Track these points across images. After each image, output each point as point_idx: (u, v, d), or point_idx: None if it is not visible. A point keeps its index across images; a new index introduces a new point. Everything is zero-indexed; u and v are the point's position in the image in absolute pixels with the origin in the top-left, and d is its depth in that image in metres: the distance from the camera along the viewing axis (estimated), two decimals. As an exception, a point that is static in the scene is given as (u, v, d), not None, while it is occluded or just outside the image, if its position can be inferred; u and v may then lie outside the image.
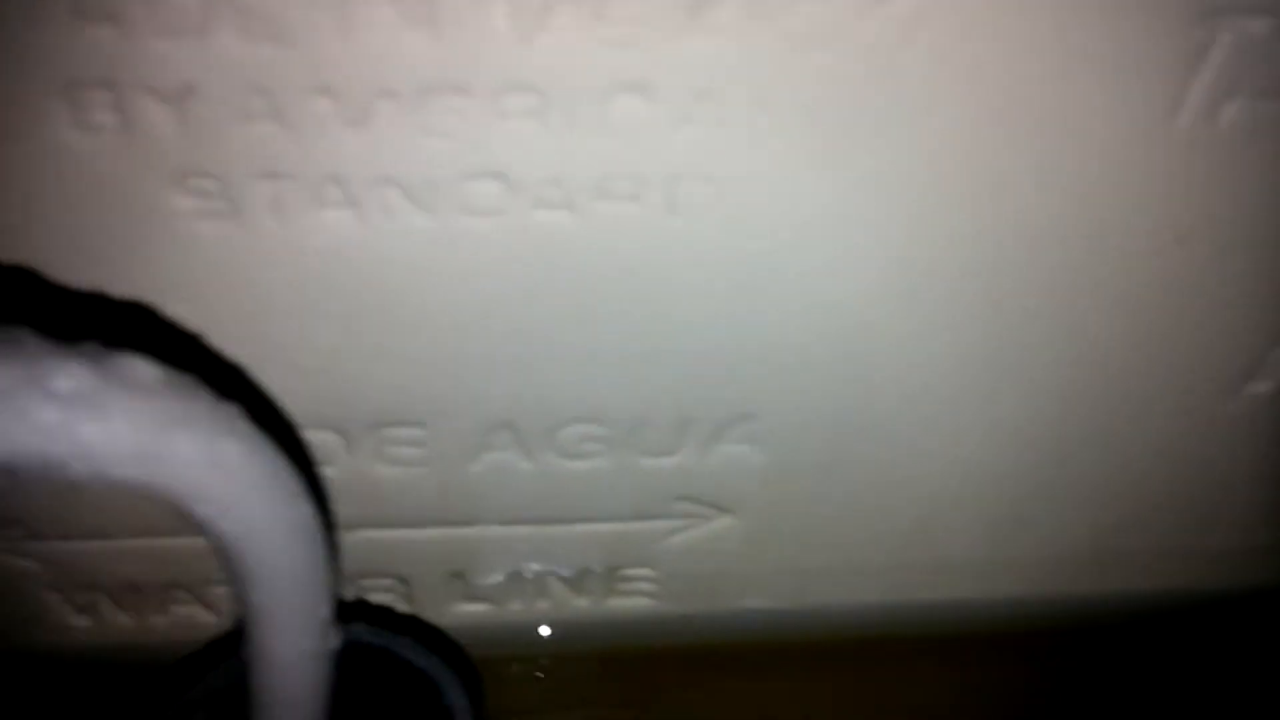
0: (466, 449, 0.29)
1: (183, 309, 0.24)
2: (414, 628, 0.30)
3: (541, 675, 0.35)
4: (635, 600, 0.34)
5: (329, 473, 0.29)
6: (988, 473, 0.32)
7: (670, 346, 0.27)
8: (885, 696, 0.35)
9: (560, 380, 0.28)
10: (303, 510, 0.20)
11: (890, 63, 0.23)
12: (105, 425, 0.16)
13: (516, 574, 0.32)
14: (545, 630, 0.34)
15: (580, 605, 0.34)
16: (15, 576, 0.30)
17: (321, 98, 0.21)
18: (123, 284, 0.23)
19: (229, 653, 0.25)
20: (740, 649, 0.35)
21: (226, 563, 0.20)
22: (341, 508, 0.29)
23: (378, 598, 0.33)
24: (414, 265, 0.24)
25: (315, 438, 0.28)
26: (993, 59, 0.23)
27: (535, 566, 0.32)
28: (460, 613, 0.33)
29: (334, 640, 0.23)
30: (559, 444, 0.29)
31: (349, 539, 0.30)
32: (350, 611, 0.28)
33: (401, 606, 0.33)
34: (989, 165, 0.25)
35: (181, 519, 0.25)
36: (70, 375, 0.16)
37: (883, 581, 0.34)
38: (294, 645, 0.22)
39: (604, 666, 0.35)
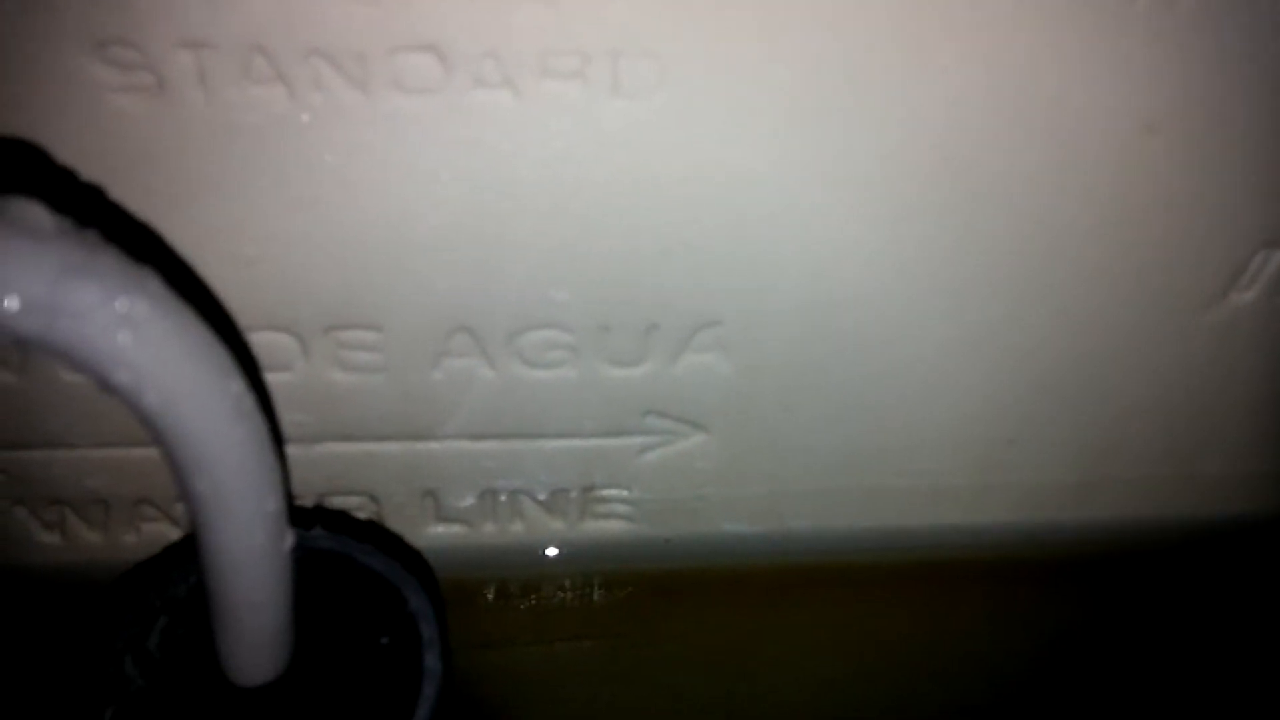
0: (426, 355, 0.28)
1: (112, 192, 0.23)
2: (375, 534, 0.30)
3: (517, 600, 0.34)
4: (612, 523, 0.33)
5: (286, 379, 0.28)
6: (967, 392, 0.31)
7: (627, 245, 0.27)
8: (867, 623, 0.34)
9: (517, 281, 0.27)
10: (234, 386, 0.20)
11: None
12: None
13: (489, 493, 0.32)
14: (521, 553, 0.34)
15: (556, 528, 0.33)
16: (-19, 489, 0.30)
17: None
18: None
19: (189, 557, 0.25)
20: (720, 574, 0.35)
21: (161, 447, 0.20)
22: (303, 418, 0.29)
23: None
24: (352, 147, 0.24)
25: (268, 339, 0.27)
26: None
27: (507, 485, 0.32)
28: (435, 534, 0.33)
29: (288, 540, 0.22)
30: (522, 351, 0.28)
31: (314, 453, 0.30)
32: (311, 518, 0.28)
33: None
34: (948, 56, 0.24)
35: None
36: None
37: (864, 505, 0.33)
38: (244, 540, 0.21)
39: (580, 591, 0.34)
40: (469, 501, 0.32)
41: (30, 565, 0.32)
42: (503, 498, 0.32)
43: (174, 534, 0.32)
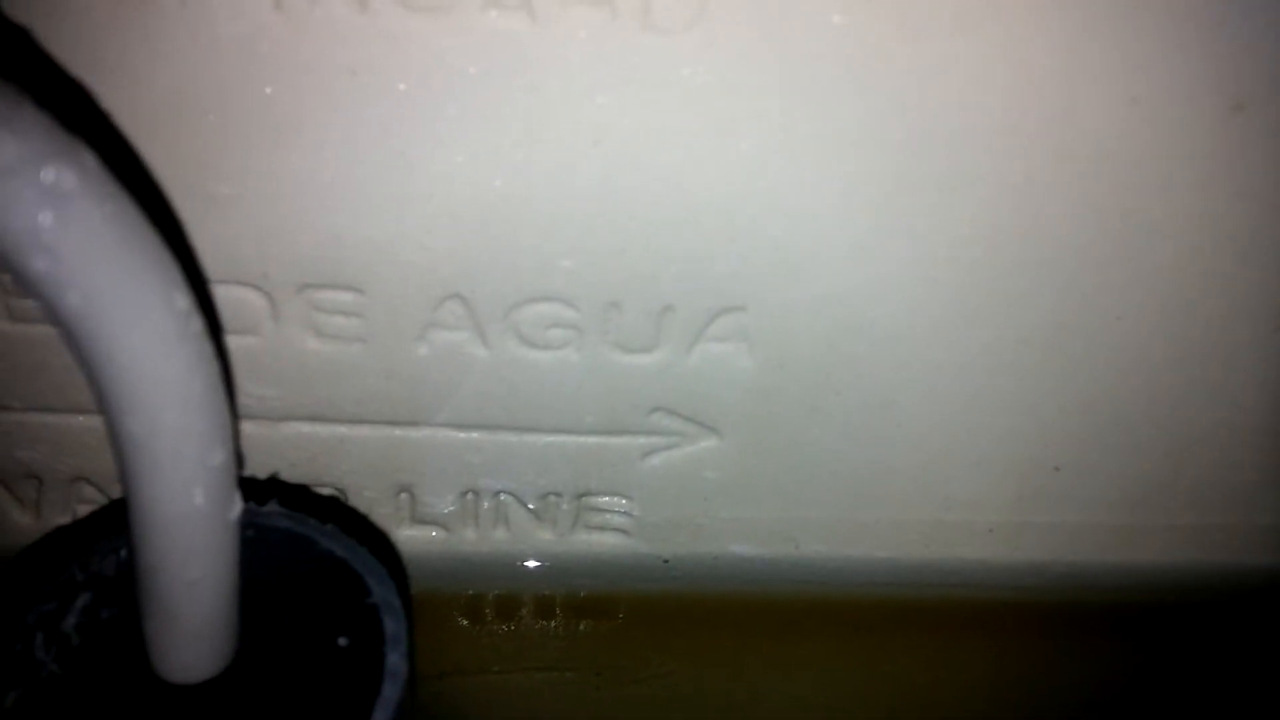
0: (411, 324, 0.25)
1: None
2: (340, 514, 0.27)
3: (493, 620, 0.30)
4: (606, 536, 0.30)
5: (251, 343, 0.25)
6: (1013, 407, 0.28)
7: (646, 209, 0.24)
8: (880, 664, 0.31)
9: (520, 242, 0.24)
10: (179, 301, 0.16)
11: None
12: None
13: (472, 493, 0.29)
14: (502, 566, 0.30)
15: (544, 538, 0.30)
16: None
17: None
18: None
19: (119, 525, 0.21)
20: (722, 601, 0.31)
21: (85, 369, 0.16)
22: (267, 391, 0.26)
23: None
24: (344, 70, 0.21)
25: (234, 295, 0.24)
26: None
27: (492, 485, 0.28)
28: (408, 538, 0.29)
29: (236, 507, 0.19)
30: (519, 326, 0.25)
31: (277, 433, 0.27)
32: (266, 491, 0.24)
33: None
34: (1014, 27, 0.22)
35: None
36: None
37: (888, 534, 0.30)
38: (181, 499, 0.18)
39: (566, 614, 0.31)
40: (449, 502, 0.29)
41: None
42: (487, 500, 0.29)
43: (115, 520, 0.28)
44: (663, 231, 0.24)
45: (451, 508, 0.29)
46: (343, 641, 0.22)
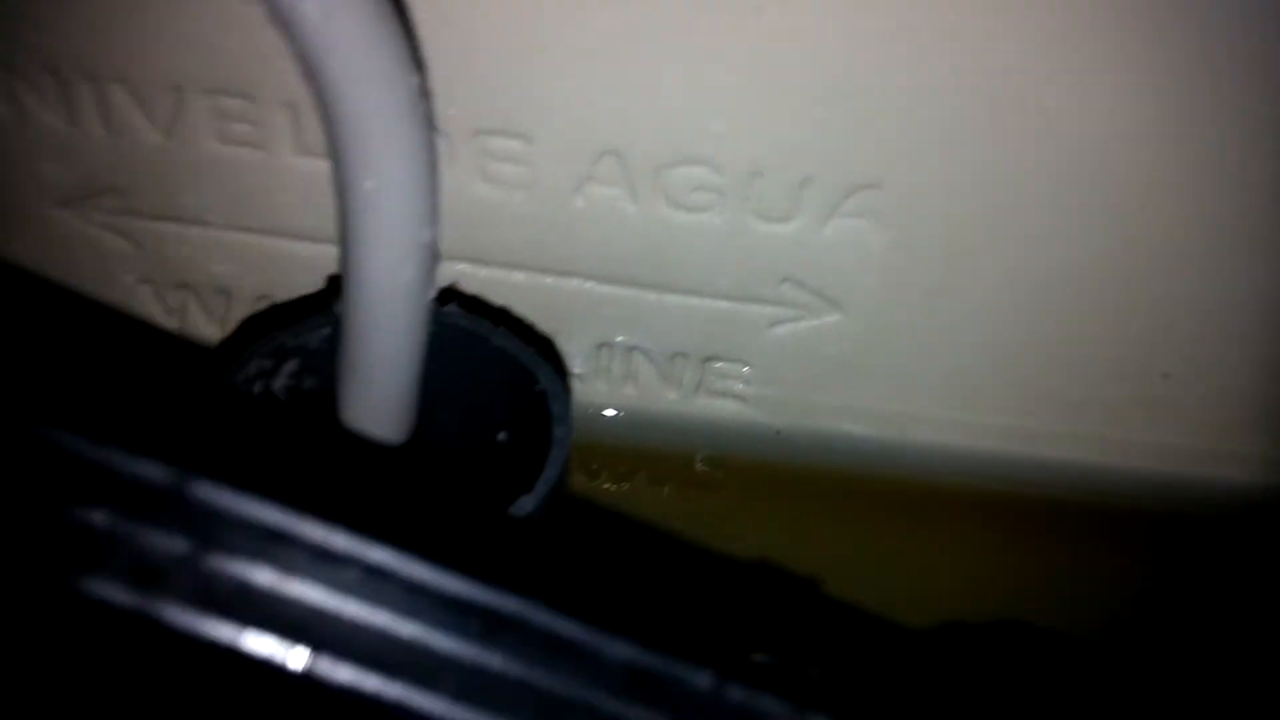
0: (571, 176, 0.27)
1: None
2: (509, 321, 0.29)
3: (606, 472, 0.33)
4: (725, 403, 0.32)
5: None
6: (1133, 308, 0.29)
7: (797, 78, 0.25)
8: (972, 553, 0.32)
9: (676, 102, 0.26)
10: (415, 80, 0.19)
11: None
12: None
13: (607, 347, 0.31)
14: (626, 421, 0.32)
15: (669, 398, 0.32)
16: (109, 259, 0.30)
17: None
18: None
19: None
20: (825, 478, 0.33)
21: (333, 130, 0.19)
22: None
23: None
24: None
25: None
26: None
27: (628, 340, 0.31)
28: (544, 385, 0.32)
29: (433, 287, 0.21)
30: (668, 187, 0.27)
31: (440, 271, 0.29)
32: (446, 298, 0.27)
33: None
34: None
35: (290, 216, 0.24)
36: None
37: (991, 430, 0.32)
38: (395, 268, 0.20)
39: (678, 472, 0.33)
40: (585, 351, 0.31)
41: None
42: (619, 356, 0.31)
43: (288, 341, 0.31)
44: (810, 102, 0.26)
45: (587, 358, 0.31)
46: (502, 436, 0.25)
